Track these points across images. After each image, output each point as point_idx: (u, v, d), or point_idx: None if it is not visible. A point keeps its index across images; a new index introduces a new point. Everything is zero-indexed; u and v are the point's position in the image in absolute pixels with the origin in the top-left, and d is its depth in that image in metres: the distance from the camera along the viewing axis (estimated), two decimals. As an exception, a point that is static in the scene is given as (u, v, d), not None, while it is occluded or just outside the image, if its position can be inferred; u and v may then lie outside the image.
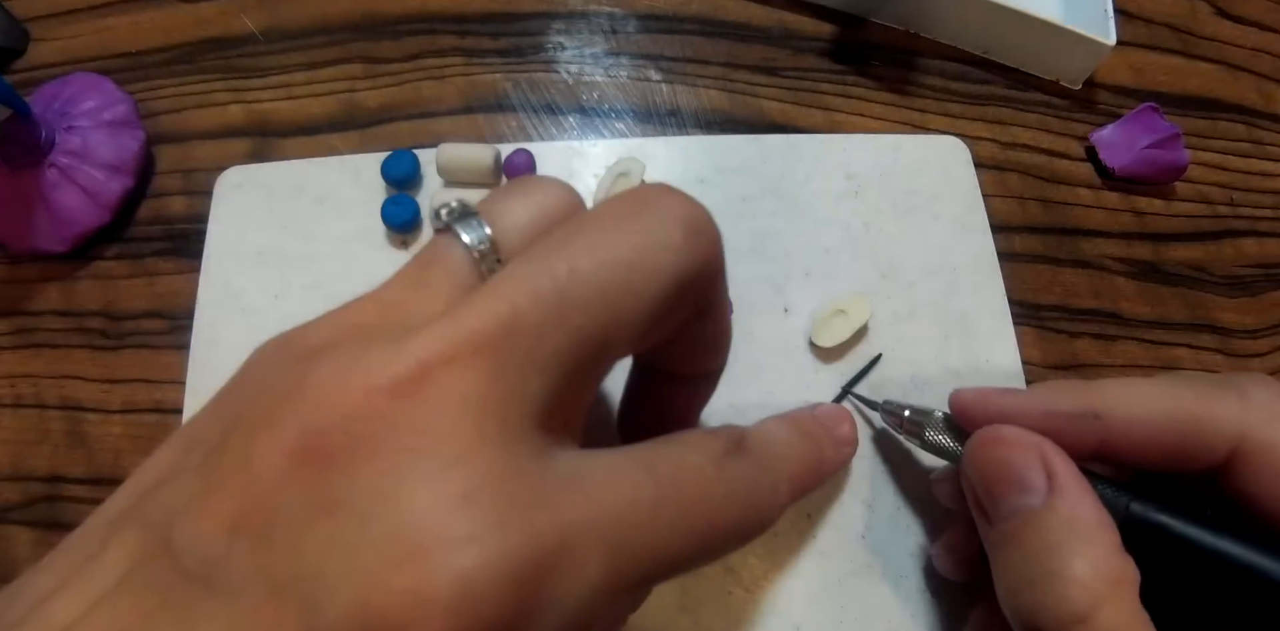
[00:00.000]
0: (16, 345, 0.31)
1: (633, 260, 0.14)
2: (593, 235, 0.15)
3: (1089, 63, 0.35)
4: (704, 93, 0.35)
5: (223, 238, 0.31)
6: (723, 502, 0.16)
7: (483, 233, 0.15)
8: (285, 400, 0.13)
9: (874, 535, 0.27)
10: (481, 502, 0.12)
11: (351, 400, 0.12)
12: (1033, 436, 0.21)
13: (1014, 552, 0.20)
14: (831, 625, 0.26)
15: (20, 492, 0.29)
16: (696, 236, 0.15)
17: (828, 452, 0.23)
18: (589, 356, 0.14)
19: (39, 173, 0.31)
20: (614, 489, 0.14)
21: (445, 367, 0.13)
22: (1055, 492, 0.19)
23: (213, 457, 0.13)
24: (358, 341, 0.13)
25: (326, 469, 0.12)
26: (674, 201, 0.16)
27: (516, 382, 0.13)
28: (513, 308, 0.13)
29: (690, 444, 0.16)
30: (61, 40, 0.36)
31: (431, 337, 0.13)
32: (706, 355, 0.20)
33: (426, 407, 0.12)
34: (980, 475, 0.21)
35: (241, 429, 0.13)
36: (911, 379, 0.29)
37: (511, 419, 0.13)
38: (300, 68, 0.35)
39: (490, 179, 0.31)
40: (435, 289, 0.15)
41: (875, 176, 0.32)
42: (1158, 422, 0.20)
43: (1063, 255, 0.33)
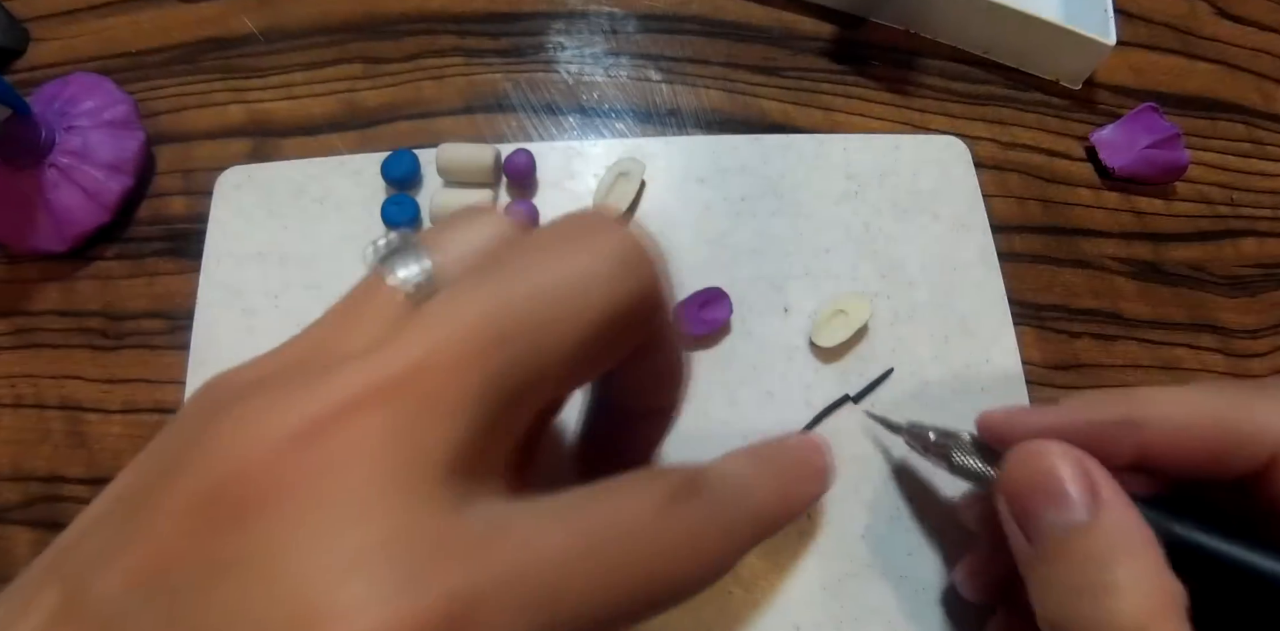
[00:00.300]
0: (16, 345, 0.31)
1: (558, 293, 0.14)
2: (518, 266, 0.14)
3: (1089, 63, 0.35)
4: (704, 93, 0.35)
5: (223, 238, 0.31)
6: (664, 555, 0.15)
7: (418, 266, 0.15)
8: (192, 452, 0.12)
9: (874, 535, 0.27)
10: (380, 563, 0.11)
11: (253, 449, 0.12)
12: (1072, 449, 0.20)
13: (1057, 568, 0.19)
14: (831, 625, 0.26)
15: (20, 492, 0.29)
16: (630, 267, 0.15)
17: (796, 488, 0.21)
18: (512, 396, 0.13)
19: (39, 173, 0.31)
20: (535, 542, 0.13)
21: (353, 414, 0.12)
22: (1100, 507, 0.19)
23: (126, 510, 0.13)
24: (274, 384, 0.13)
25: (226, 523, 0.11)
26: (610, 231, 0.15)
27: (431, 427, 0.12)
28: (428, 347, 0.13)
29: (629, 489, 0.15)
30: (61, 40, 0.36)
31: (341, 382, 0.12)
32: (659, 390, 0.19)
33: (328, 458, 0.12)
34: (1020, 491, 0.21)
35: (156, 479, 0.13)
36: (912, 379, 0.29)
37: (422, 466, 0.12)
38: (300, 68, 0.35)
39: (490, 179, 0.31)
40: (366, 325, 0.14)
41: (875, 176, 0.32)
42: (1197, 428, 0.20)
43: (1063, 255, 0.33)
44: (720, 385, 0.29)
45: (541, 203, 0.31)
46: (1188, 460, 0.20)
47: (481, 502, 0.13)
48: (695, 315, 0.29)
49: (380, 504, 0.12)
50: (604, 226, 0.15)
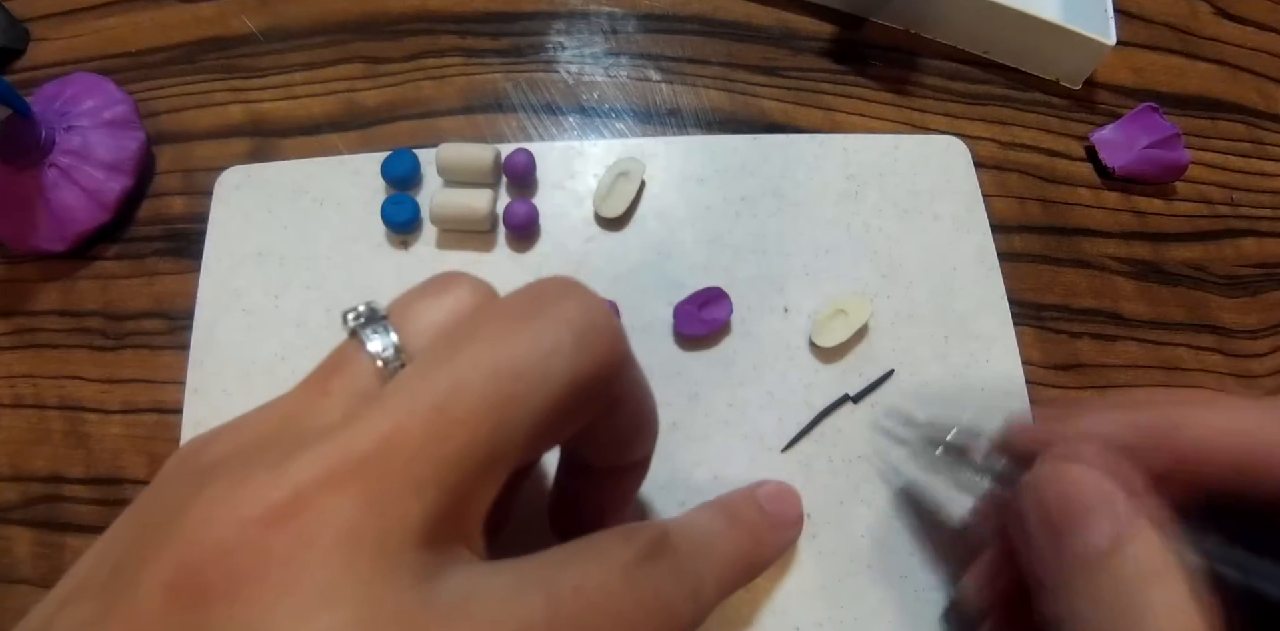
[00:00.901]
0: (16, 345, 0.31)
1: (521, 367, 0.14)
2: (480, 342, 0.14)
3: (1089, 63, 0.35)
4: (704, 93, 0.35)
5: (223, 238, 0.31)
6: (633, 618, 0.15)
7: (388, 339, 0.15)
8: (167, 529, 0.13)
9: (874, 535, 0.27)
10: None
11: (224, 533, 0.12)
12: (1104, 465, 0.20)
13: (1086, 587, 0.19)
14: (831, 625, 0.26)
15: (20, 492, 0.29)
16: (589, 338, 0.15)
17: (764, 540, 0.22)
18: (479, 468, 0.14)
19: (39, 172, 0.31)
20: (503, 615, 0.13)
21: (320, 494, 0.12)
22: (1132, 528, 0.18)
23: (106, 583, 0.13)
24: (246, 460, 0.13)
25: (200, 605, 0.12)
26: (569, 302, 0.15)
27: (396, 506, 0.13)
28: (393, 425, 0.13)
29: (597, 554, 0.15)
30: (61, 40, 0.36)
31: (309, 461, 0.13)
32: (625, 447, 0.19)
33: (298, 539, 0.12)
34: (1048, 509, 0.20)
35: (133, 555, 0.13)
36: (912, 379, 0.29)
37: (390, 545, 0.12)
38: (300, 68, 0.35)
39: (490, 179, 0.31)
40: (335, 399, 0.15)
41: (875, 176, 0.32)
42: (1236, 437, 0.20)
43: (1063, 255, 0.33)
44: (720, 385, 0.29)
45: (541, 203, 0.32)
46: (1222, 472, 0.20)
47: (451, 575, 0.13)
48: (695, 315, 0.29)
49: (350, 585, 0.12)
50: (563, 297, 0.15)
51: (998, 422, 0.23)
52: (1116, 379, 0.31)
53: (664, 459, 0.28)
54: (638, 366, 0.18)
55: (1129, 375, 0.31)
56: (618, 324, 0.16)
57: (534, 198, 0.32)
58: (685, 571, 0.17)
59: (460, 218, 0.30)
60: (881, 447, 0.28)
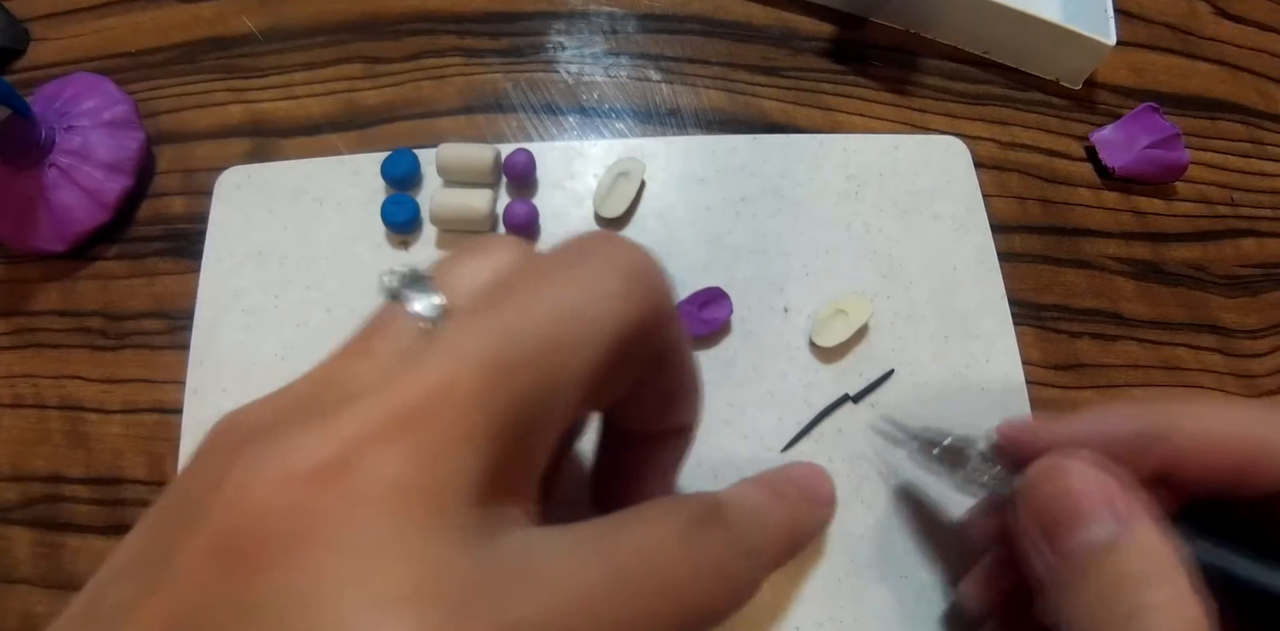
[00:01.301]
0: (16, 345, 0.31)
1: (570, 312, 0.14)
2: (529, 290, 0.14)
3: (1089, 63, 0.35)
4: (704, 93, 0.35)
5: (223, 238, 0.31)
6: (691, 582, 0.15)
7: (431, 300, 0.15)
8: (208, 496, 0.12)
9: (874, 535, 0.27)
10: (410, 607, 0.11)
11: (268, 493, 0.12)
12: (1099, 465, 0.20)
13: (1085, 589, 0.19)
14: (832, 625, 0.26)
15: (20, 492, 0.29)
16: (638, 283, 0.15)
17: (804, 516, 0.22)
18: (533, 420, 0.13)
19: (39, 172, 0.31)
20: (564, 577, 0.13)
21: (369, 449, 0.12)
22: (1130, 526, 0.19)
23: (151, 557, 0.13)
24: (287, 423, 0.13)
25: (246, 571, 0.11)
26: (614, 248, 0.15)
27: (450, 459, 0.12)
28: (445, 375, 0.12)
29: (653, 519, 0.15)
30: (61, 40, 0.36)
31: (355, 416, 0.12)
32: (672, 410, 0.19)
33: (349, 496, 0.11)
34: (1046, 509, 0.20)
35: (175, 526, 0.12)
36: (912, 379, 0.29)
37: (445, 501, 0.12)
38: (300, 68, 0.35)
39: (490, 179, 0.31)
40: (379, 358, 0.14)
41: (875, 176, 0.32)
42: (1222, 446, 0.20)
43: (1063, 255, 0.33)
44: (720, 385, 0.29)
45: (541, 203, 0.32)
46: (1213, 475, 0.20)
47: (507, 535, 0.13)
48: (695, 315, 0.29)
49: (405, 544, 0.11)
50: (608, 244, 0.15)
51: (993, 425, 0.23)
52: (1116, 379, 0.31)
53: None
54: (681, 323, 0.17)
55: (1129, 375, 0.31)
56: (663, 271, 0.16)
57: (534, 198, 0.32)
58: (739, 539, 0.17)
59: (460, 218, 0.30)
60: (881, 448, 0.28)
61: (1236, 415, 0.21)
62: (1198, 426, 0.20)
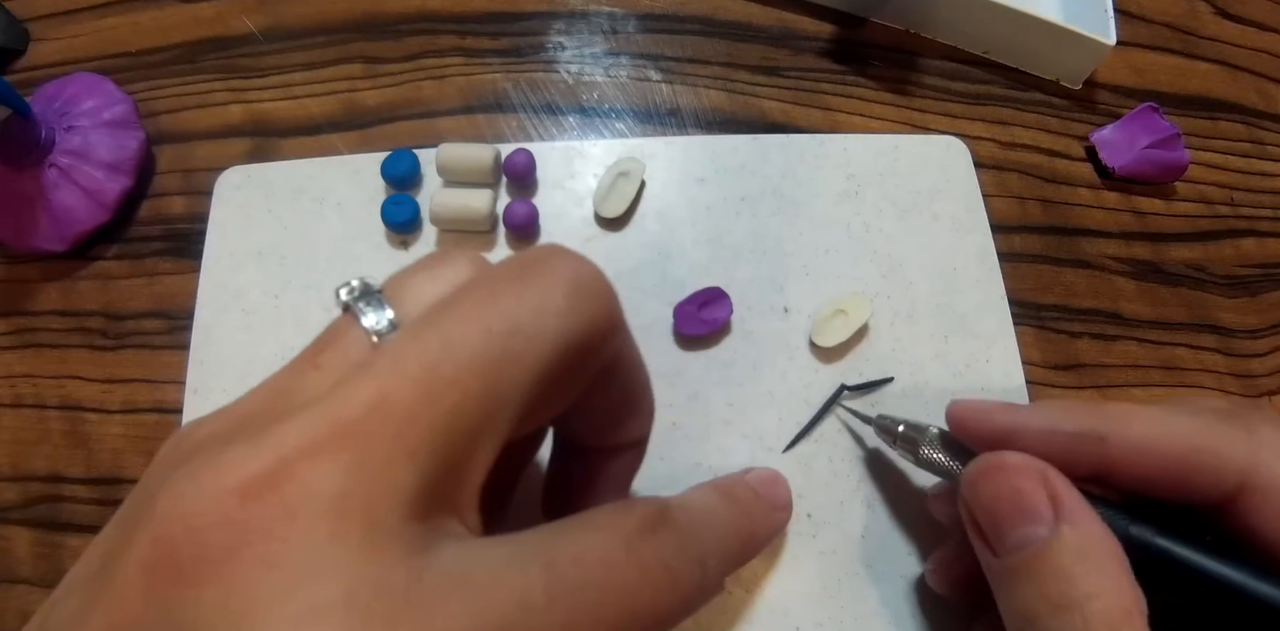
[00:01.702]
0: (16, 345, 0.31)
1: (511, 327, 0.14)
2: (470, 304, 0.14)
3: (1089, 63, 0.35)
4: (704, 93, 0.35)
5: (223, 238, 0.31)
6: (639, 588, 0.14)
7: (383, 314, 0.15)
8: (146, 509, 0.12)
9: (874, 535, 0.27)
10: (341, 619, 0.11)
11: (201, 506, 0.11)
12: (1035, 461, 0.20)
13: (1024, 585, 0.19)
14: (831, 625, 0.26)
15: (20, 492, 0.29)
16: (582, 297, 0.15)
17: (759, 521, 0.22)
18: (471, 433, 0.13)
19: (39, 172, 0.31)
20: (501, 588, 0.12)
21: (303, 462, 0.12)
22: (1063, 521, 0.19)
23: (94, 573, 0.13)
24: (226, 438, 0.13)
25: (178, 585, 0.11)
26: (559, 262, 0.15)
27: (385, 473, 0.12)
28: (380, 390, 0.12)
29: (597, 525, 0.15)
30: (61, 40, 0.36)
31: (292, 430, 0.12)
32: (622, 424, 0.19)
33: (279, 510, 0.11)
34: (983, 506, 0.20)
35: (113, 546, 0.12)
36: (912, 379, 0.29)
37: (379, 515, 0.12)
38: (300, 68, 0.35)
39: (490, 179, 0.31)
40: (325, 372, 0.14)
41: (875, 176, 0.32)
42: (1162, 451, 0.20)
43: (1063, 255, 0.33)
44: (720, 385, 0.29)
45: (541, 203, 0.31)
46: (1150, 481, 0.20)
47: (442, 548, 0.13)
48: (695, 315, 0.29)
49: (336, 557, 0.11)
50: (554, 258, 0.15)
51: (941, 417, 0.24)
52: (1116, 379, 0.31)
53: (664, 459, 0.28)
54: (631, 336, 0.17)
55: (1129, 375, 0.31)
56: (610, 285, 0.15)
57: (534, 198, 0.32)
58: (689, 542, 0.16)
59: (460, 218, 0.30)
60: (883, 448, 0.28)
61: (1180, 423, 0.20)
62: (1138, 432, 0.20)
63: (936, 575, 0.25)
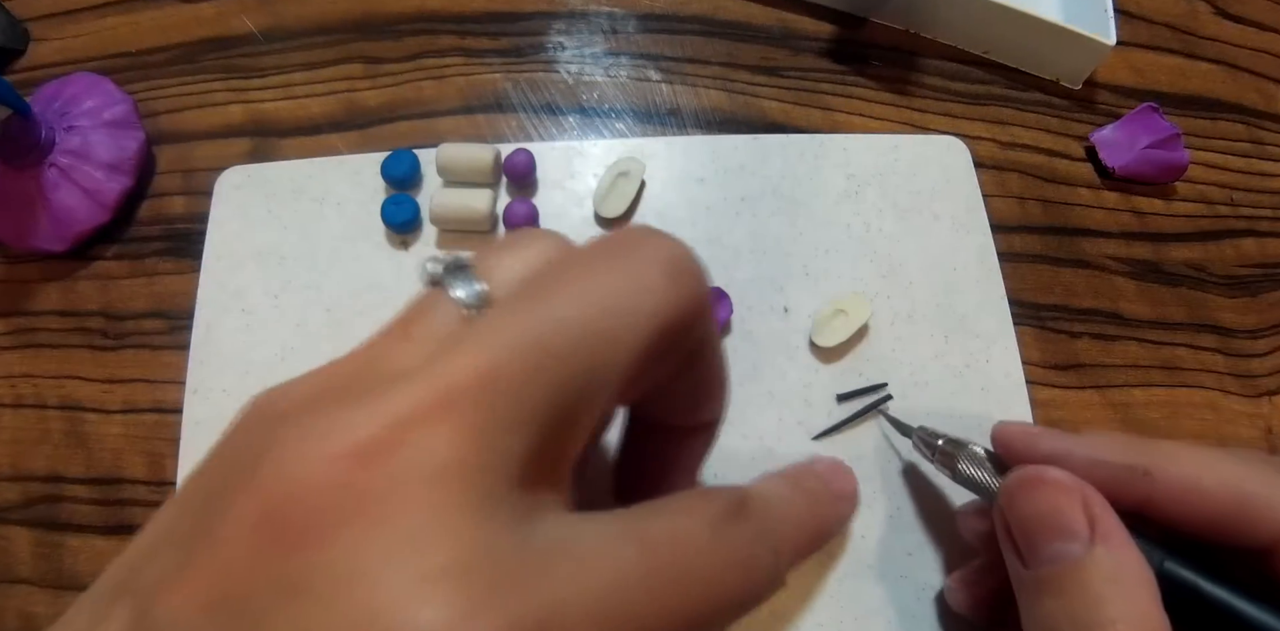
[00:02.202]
0: (16, 345, 0.31)
1: (614, 305, 0.14)
2: (573, 281, 0.14)
3: (1089, 63, 0.35)
4: (704, 93, 0.35)
5: (223, 238, 0.31)
6: (720, 573, 0.15)
7: (474, 288, 0.15)
8: (250, 471, 0.12)
9: (874, 535, 0.27)
10: (451, 586, 0.11)
11: (313, 470, 0.12)
12: (1075, 480, 0.20)
13: (1051, 600, 0.19)
14: (832, 625, 0.26)
15: (20, 492, 0.29)
16: (680, 277, 0.15)
17: (828, 512, 0.22)
18: (573, 408, 0.13)
19: (39, 172, 0.31)
20: (600, 562, 0.13)
21: (416, 429, 0.12)
22: (1098, 541, 0.19)
23: (192, 530, 0.13)
24: (329, 402, 0.13)
25: (289, 546, 0.11)
26: (656, 242, 0.15)
27: (495, 441, 0.12)
28: (491, 360, 0.12)
29: (684, 509, 0.15)
30: (61, 40, 0.36)
31: (402, 396, 0.12)
32: (701, 404, 0.19)
33: (393, 475, 0.11)
34: (1019, 516, 0.21)
35: (214, 501, 0.12)
36: (912, 379, 0.29)
37: (489, 482, 0.12)
38: (300, 68, 0.35)
39: (490, 179, 0.31)
40: (420, 343, 0.14)
41: (875, 176, 0.32)
42: (1208, 492, 0.20)
43: (1063, 255, 0.33)
44: (720, 385, 0.29)
45: (541, 203, 0.31)
46: (1195, 521, 0.20)
47: (544, 519, 0.13)
48: (695, 315, 0.29)
49: (449, 522, 0.11)
50: (652, 238, 0.15)
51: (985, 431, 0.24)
52: (1116, 379, 0.31)
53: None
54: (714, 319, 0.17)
55: (1129, 375, 0.31)
56: (702, 266, 0.16)
57: (534, 198, 0.32)
58: (766, 532, 0.17)
59: (460, 218, 0.30)
60: (883, 448, 0.28)
61: (1228, 467, 0.20)
62: (1185, 471, 0.20)
63: (958, 594, 0.25)
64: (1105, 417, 0.30)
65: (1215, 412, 0.30)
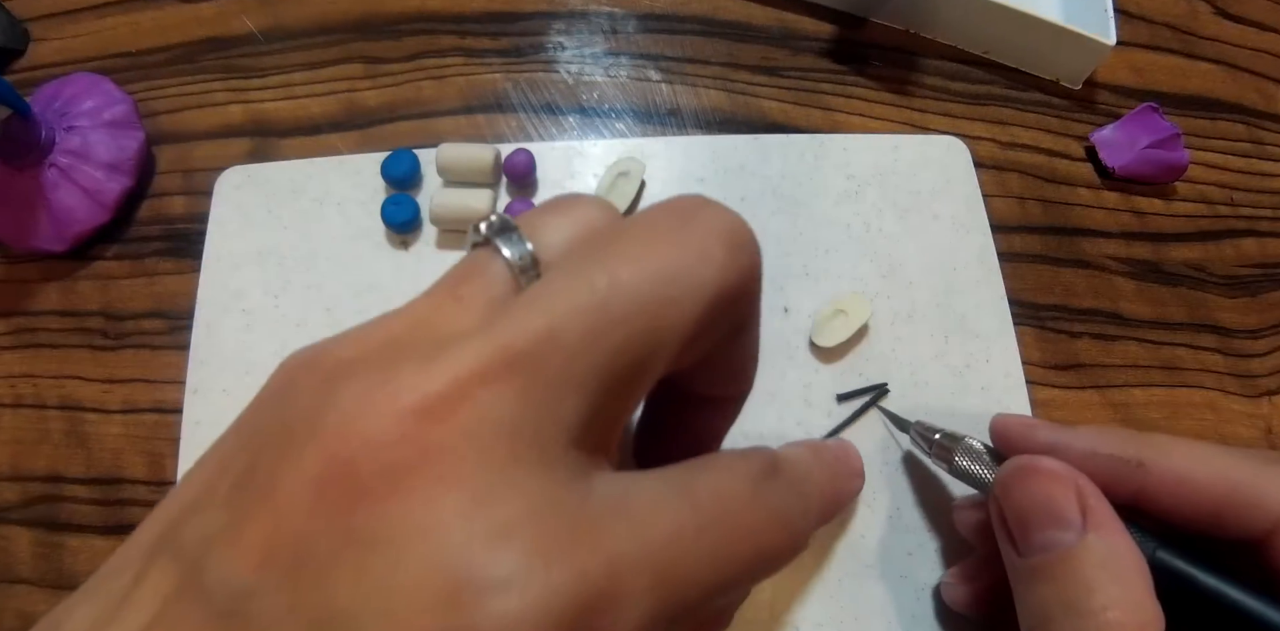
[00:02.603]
0: (16, 345, 0.31)
1: (674, 273, 0.14)
2: (633, 246, 0.14)
3: (1089, 63, 0.35)
4: (704, 93, 0.35)
5: (223, 237, 0.31)
6: (762, 527, 0.15)
7: (524, 248, 0.15)
8: (310, 425, 0.12)
9: (874, 535, 0.27)
10: (521, 538, 0.11)
11: (379, 425, 0.12)
12: (1069, 469, 0.21)
13: (1044, 587, 0.19)
14: (832, 625, 0.26)
15: (20, 492, 0.29)
16: (738, 250, 0.15)
17: (844, 484, 0.23)
18: (630, 373, 0.13)
19: (39, 172, 0.31)
20: (656, 517, 0.13)
21: (479, 387, 0.12)
22: (1091, 529, 0.19)
23: (241, 486, 0.12)
24: (386, 359, 0.13)
25: (355, 500, 0.11)
26: (716, 214, 0.15)
27: (554, 402, 0.12)
28: (551, 322, 0.13)
29: (726, 467, 0.15)
30: (61, 40, 0.36)
31: (465, 355, 0.12)
32: (737, 376, 0.19)
33: (459, 432, 0.12)
34: (1013, 505, 0.21)
35: (267, 456, 0.12)
36: (912, 379, 0.29)
37: (549, 441, 0.12)
38: (300, 68, 0.35)
39: (490, 179, 0.31)
40: (470, 304, 0.14)
41: (875, 176, 0.32)
42: (1201, 483, 0.20)
43: (1063, 255, 0.33)
44: (720, 385, 0.29)
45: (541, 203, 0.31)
46: (1187, 513, 0.21)
47: (599, 477, 0.13)
48: (695, 315, 0.29)
49: (517, 477, 0.12)
50: (709, 209, 0.15)
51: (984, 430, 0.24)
52: (1116, 379, 0.31)
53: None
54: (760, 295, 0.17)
55: (1129, 375, 0.31)
56: (757, 240, 0.16)
57: (534, 198, 0.32)
58: (798, 493, 0.17)
59: (460, 218, 0.30)
60: (883, 448, 0.28)
61: (1221, 459, 0.21)
62: (1178, 463, 0.21)
63: (955, 589, 0.25)
64: (1105, 418, 0.30)
65: (1215, 412, 0.30)
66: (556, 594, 0.11)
